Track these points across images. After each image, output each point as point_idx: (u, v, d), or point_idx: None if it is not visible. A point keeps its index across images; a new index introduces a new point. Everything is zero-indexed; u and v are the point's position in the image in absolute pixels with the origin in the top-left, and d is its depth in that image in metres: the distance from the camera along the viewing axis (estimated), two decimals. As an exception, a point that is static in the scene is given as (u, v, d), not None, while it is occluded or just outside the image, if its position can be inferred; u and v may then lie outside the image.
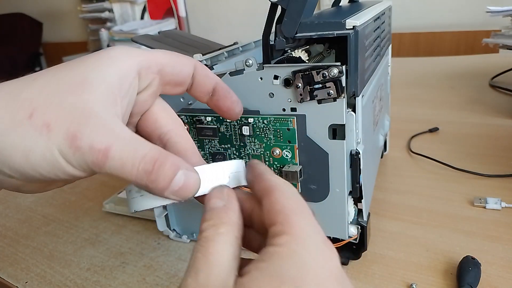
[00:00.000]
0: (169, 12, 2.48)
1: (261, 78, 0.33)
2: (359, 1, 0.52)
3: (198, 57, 0.40)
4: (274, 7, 0.33)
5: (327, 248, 0.18)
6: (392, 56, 0.59)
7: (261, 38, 0.34)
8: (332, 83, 0.31)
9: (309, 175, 0.35)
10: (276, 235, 0.19)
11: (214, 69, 0.40)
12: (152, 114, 0.25)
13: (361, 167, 0.34)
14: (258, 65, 0.33)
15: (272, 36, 0.34)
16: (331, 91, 0.31)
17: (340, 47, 0.32)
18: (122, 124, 0.21)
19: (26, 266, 0.43)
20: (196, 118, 0.37)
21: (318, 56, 0.41)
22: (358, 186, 0.35)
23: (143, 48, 0.30)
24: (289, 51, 0.36)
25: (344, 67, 0.30)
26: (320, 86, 0.31)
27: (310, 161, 0.34)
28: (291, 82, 0.32)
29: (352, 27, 0.31)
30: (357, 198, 0.36)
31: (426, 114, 0.77)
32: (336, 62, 0.31)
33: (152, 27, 2.28)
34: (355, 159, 0.34)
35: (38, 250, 0.46)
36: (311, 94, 0.32)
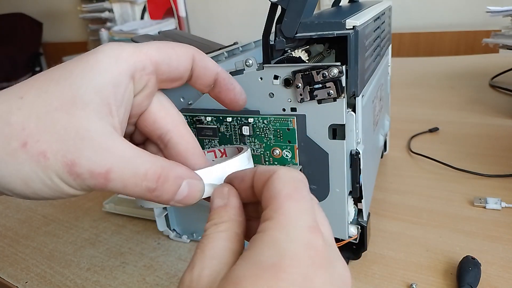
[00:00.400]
0: (169, 12, 2.48)
1: (261, 78, 0.33)
2: (359, 1, 0.52)
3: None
4: (274, 7, 0.33)
5: (311, 234, 0.17)
6: (392, 56, 0.59)
7: (261, 38, 0.34)
8: (332, 83, 0.31)
9: (309, 175, 0.35)
10: (263, 221, 0.18)
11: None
12: (151, 114, 0.24)
13: (361, 167, 0.34)
14: (258, 65, 0.33)
15: (272, 36, 0.34)
16: (331, 91, 0.31)
17: (340, 47, 0.32)
18: (120, 139, 0.20)
19: (26, 266, 0.43)
20: (196, 118, 0.37)
21: (318, 56, 0.41)
22: (358, 186, 0.35)
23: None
24: (289, 51, 0.36)
25: (344, 67, 0.30)
26: (320, 86, 0.31)
27: (310, 161, 0.34)
28: (291, 82, 0.32)
29: (352, 27, 0.31)
30: (357, 198, 0.36)
31: (426, 114, 0.77)
32: (336, 62, 0.31)
33: (152, 27, 2.29)
34: (355, 159, 0.34)
35: (38, 250, 0.46)
36: (311, 94, 0.32)
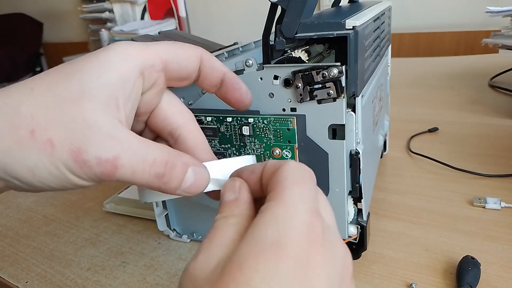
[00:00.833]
0: (169, 12, 2.48)
1: (261, 78, 0.33)
2: (359, 1, 0.52)
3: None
4: (274, 7, 0.33)
5: (312, 217, 0.17)
6: (392, 56, 0.59)
7: (261, 38, 0.35)
8: (332, 83, 0.31)
9: (309, 175, 0.35)
10: (266, 202, 0.18)
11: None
12: (161, 111, 0.25)
13: (361, 167, 0.34)
14: (258, 65, 0.33)
15: (272, 36, 0.34)
16: (331, 91, 0.31)
17: (340, 47, 0.32)
18: (127, 131, 0.20)
19: (26, 266, 0.44)
20: (196, 118, 0.37)
21: (318, 56, 0.41)
22: (357, 186, 0.35)
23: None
24: (289, 51, 0.36)
25: (344, 67, 0.30)
26: (320, 86, 0.31)
27: (310, 161, 0.35)
28: (291, 82, 0.32)
29: (352, 27, 0.32)
30: (356, 198, 0.37)
31: (426, 114, 0.77)
32: (336, 62, 0.31)
33: (152, 27, 2.29)
34: (355, 159, 0.34)
35: (39, 250, 0.46)
36: (311, 94, 0.32)
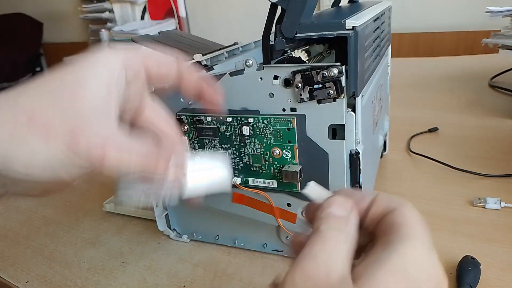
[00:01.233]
0: (169, 12, 2.48)
1: (261, 78, 0.33)
2: (359, 1, 0.52)
3: (198, 57, 0.40)
4: (274, 7, 0.33)
5: (436, 262, 0.19)
6: (392, 57, 0.59)
7: (261, 38, 0.35)
8: (332, 83, 0.31)
9: (309, 175, 0.35)
10: (398, 237, 0.19)
11: (214, 69, 0.40)
12: (144, 113, 0.27)
13: (360, 167, 0.34)
14: (258, 65, 0.33)
15: (272, 37, 0.34)
16: (331, 91, 0.31)
17: (340, 47, 0.32)
18: (117, 120, 0.22)
19: (26, 267, 0.44)
20: (196, 118, 0.37)
21: (318, 56, 0.41)
22: (357, 186, 0.35)
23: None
24: (289, 51, 0.36)
25: (344, 67, 0.30)
26: (320, 86, 0.31)
27: (310, 161, 0.35)
28: (291, 82, 0.32)
29: (352, 28, 0.32)
30: (357, 198, 0.36)
31: (426, 114, 0.77)
32: (336, 62, 0.31)
33: (153, 28, 2.29)
34: (354, 159, 0.34)
35: (39, 250, 0.46)
36: (311, 94, 0.32)
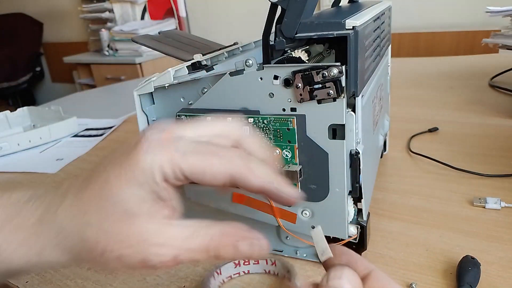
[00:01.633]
0: (169, 12, 2.48)
1: (261, 78, 0.33)
2: (359, 1, 0.52)
3: (198, 57, 0.40)
4: (274, 7, 0.33)
5: None
6: (392, 56, 0.59)
7: (261, 38, 0.35)
8: (332, 83, 0.31)
9: (309, 175, 0.35)
10: None
11: (214, 69, 0.40)
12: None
13: (360, 167, 0.34)
14: (258, 65, 0.33)
15: (272, 36, 0.34)
16: (331, 91, 0.31)
17: (340, 47, 0.32)
18: (175, 227, 0.23)
19: (26, 266, 0.44)
20: (196, 118, 0.37)
21: (318, 56, 0.41)
22: (357, 186, 0.35)
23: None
24: (289, 51, 0.36)
25: (344, 67, 0.30)
26: (320, 86, 0.31)
27: (310, 161, 0.35)
28: (291, 82, 0.32)
29: (352, 27, 0.32)
30: (356, 198, 0.37)
31: (426, 114, 0.77)
32: (336, 62, 0.31)
33: (153, 27, 2.29)
34: (354, 159, 0.34)
35: (39, 249, 0.46)
36: (311, 94, 0.32)
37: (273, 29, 0.34)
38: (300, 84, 0.32)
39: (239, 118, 0.27)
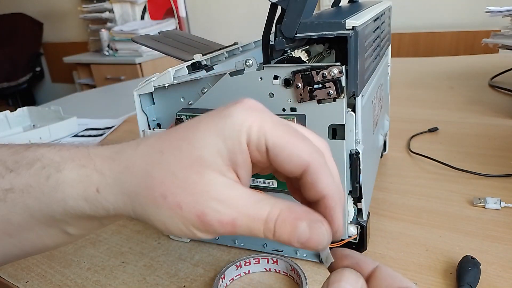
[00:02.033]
0: (169, 12, 2.48)
1: (261, 78, 0.33)
2: (359, 1, 0.52)
3: (198, 57, 0.40)
4: (274, 7, 0.33)
5: None
6: (392, 56, 0.59)
7: (261, 38, 0.35)
8: (332, 83, 0.31)
9: (309, 175, 0.35)
10: None
11: (214, 69, 0.40)
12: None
13: (360, 167, 0.34)
14: (258, 65, 0.33)
15: (272, 37, 0.34)
16: (331, 91, 0.31)
17: (340, 47, 0.32)
18: (242, 190, 0.23)
19: (26, 266, 0.44)
20: (196, 118, 0.37)
21: (318, 56, 0.41)
22: (357, 186, 0.35)
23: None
24: (289, 51, 0.36)
25: (344, 67, 0.30)
26: (320, 86, 0.31)
27: (310, 161, 0.35)
28: (291, 82, 0.32)
29: (352, 27, 0.32)
30: (356, 197, 0.37)
31: (426, 114, 0.77)
32: (336, 62, 0.31)
33: (152, 27, 2.29)
34: (354, 159, 0.34)
35: (39, 249, 0.46)
36: (311, 94, 0.32)
37: (273, 29, 0.34)
38: (300, 84, 0.32)
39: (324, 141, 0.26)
